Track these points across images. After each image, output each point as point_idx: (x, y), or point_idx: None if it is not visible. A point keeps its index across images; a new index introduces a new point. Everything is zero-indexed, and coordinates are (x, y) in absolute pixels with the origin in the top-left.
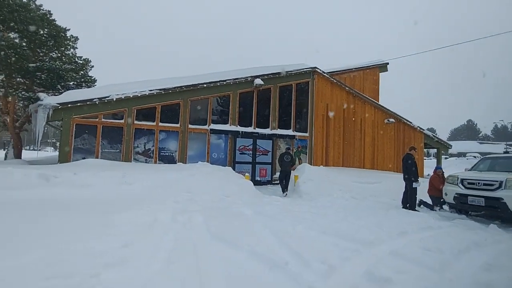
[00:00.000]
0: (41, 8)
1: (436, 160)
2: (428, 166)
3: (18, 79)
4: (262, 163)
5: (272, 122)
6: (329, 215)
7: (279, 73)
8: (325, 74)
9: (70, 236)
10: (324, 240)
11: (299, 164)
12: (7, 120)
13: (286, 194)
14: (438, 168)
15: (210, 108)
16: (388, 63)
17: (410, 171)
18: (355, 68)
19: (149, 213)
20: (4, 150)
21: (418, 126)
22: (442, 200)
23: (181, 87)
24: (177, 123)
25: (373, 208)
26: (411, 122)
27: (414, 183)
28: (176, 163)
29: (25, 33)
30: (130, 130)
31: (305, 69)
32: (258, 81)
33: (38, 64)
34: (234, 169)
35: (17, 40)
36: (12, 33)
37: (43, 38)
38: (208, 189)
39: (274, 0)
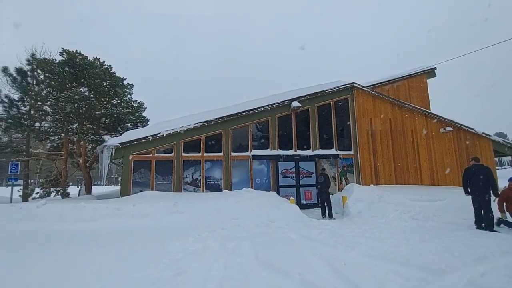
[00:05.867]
0: (104, 64)
1: None
2: (503, 177)
3: (87, 125)
4: (307, 185)
5: (313, 142)
6: (386, 238)
7: (315, 93)
8: (364, 88)
9: (130, 264)
10: (383, 268)
11: (346, 184)
12: (80, 161)
13: (325, 217)
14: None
15: (250, 134)
16: (435, 68)
17: (493, 186)
18: (397, 78)
19: (200, 240)
20: (77, 187)
21: (483, 132)
22: None
23: (221, 117)
24: (220, 152)
25: (438, 230)
26: (473, 129)
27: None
28: (221, 190)
29: (92, 86)
30: (179, 162)
31: (343, 86)
32: (295, 103)
33: (102, 111)
34: (278, 193)
35: (86, 93)
36: (83, 88)
37: (106, 88)
38: (254, 214)
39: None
